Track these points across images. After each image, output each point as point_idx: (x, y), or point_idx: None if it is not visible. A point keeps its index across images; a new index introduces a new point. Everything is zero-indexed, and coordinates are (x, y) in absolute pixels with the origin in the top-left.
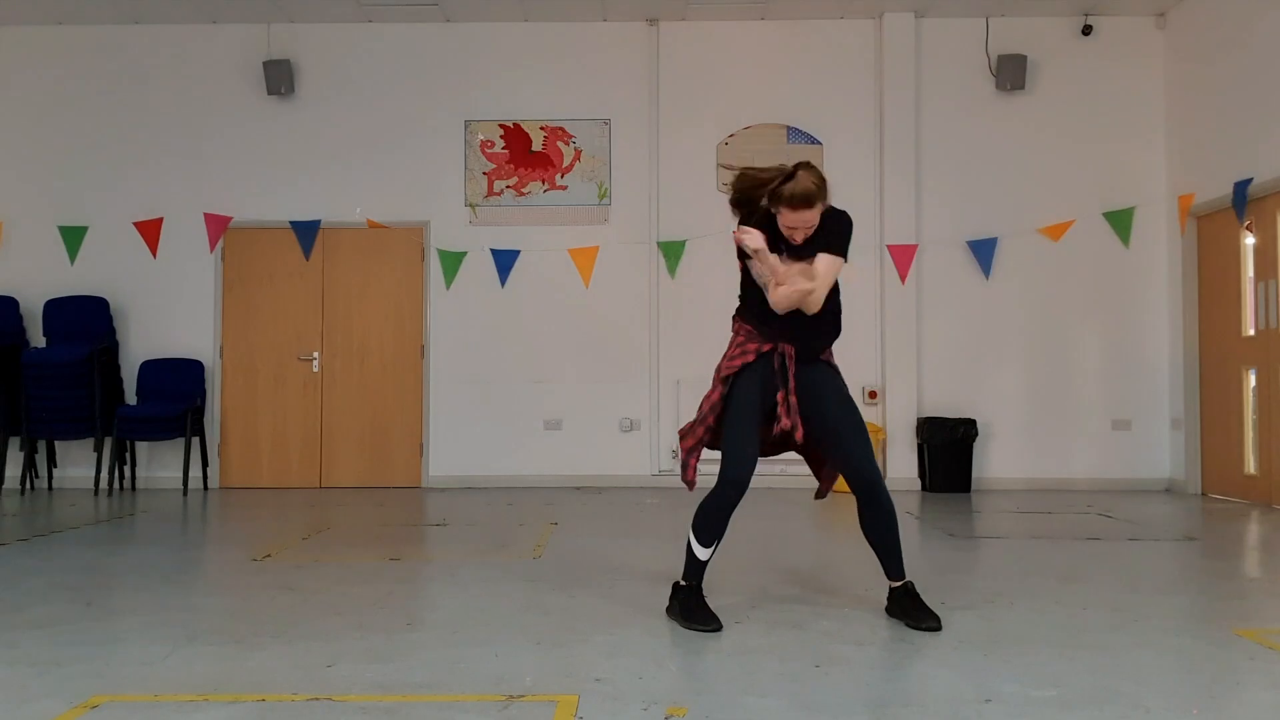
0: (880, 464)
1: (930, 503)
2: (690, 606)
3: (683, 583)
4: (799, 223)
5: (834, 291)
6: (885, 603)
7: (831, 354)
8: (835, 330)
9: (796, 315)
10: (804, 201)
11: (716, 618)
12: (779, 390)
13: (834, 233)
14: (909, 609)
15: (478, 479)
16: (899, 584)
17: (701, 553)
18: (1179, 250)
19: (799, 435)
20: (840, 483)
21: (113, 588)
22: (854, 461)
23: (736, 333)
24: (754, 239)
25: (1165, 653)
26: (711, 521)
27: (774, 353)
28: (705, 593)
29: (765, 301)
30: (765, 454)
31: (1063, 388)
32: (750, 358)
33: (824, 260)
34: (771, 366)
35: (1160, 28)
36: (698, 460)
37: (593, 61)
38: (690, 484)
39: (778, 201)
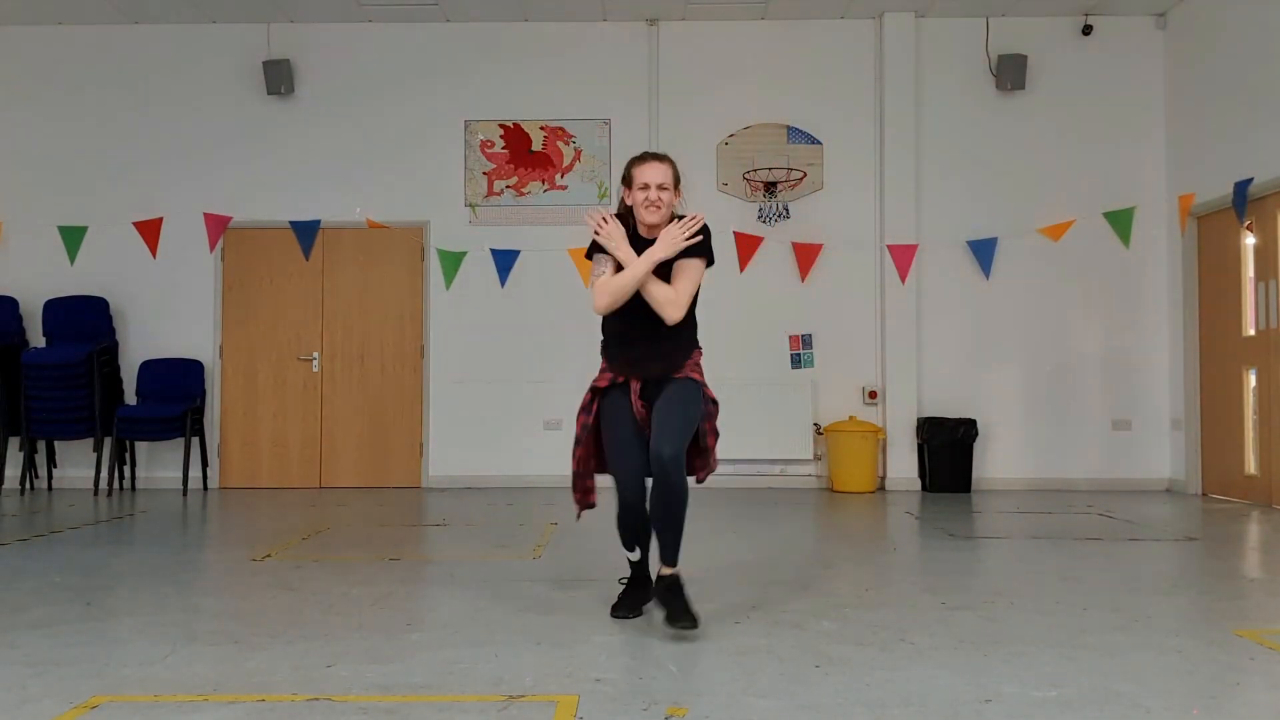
0: (880, 464)
1: (930, 503)
2: (619, 597)
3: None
4: (651, 177)
5: (690, 307)
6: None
7: (696, 367)
8: (688, 351)
9: (647, 342)
10: (652, 156)
11: (626, 609)
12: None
13: (694, 239)
14: (669, 602)
15: (478, 479)
16: (669, 572)
17: (630, 555)
18: (1179, 250)
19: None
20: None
21: (113, 588)
22: (656, 439)
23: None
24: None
25: (1165, 653)
26: (626, 534)
27: (626, 384)
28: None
29: (618, 328)
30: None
31: (1063, 388)
32: (604, 383)
33: (683, 266)
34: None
35: (1160, 28)
36: (582, 494)
37: (593, 61)
38: (578, 513)
39: (629, 172)
